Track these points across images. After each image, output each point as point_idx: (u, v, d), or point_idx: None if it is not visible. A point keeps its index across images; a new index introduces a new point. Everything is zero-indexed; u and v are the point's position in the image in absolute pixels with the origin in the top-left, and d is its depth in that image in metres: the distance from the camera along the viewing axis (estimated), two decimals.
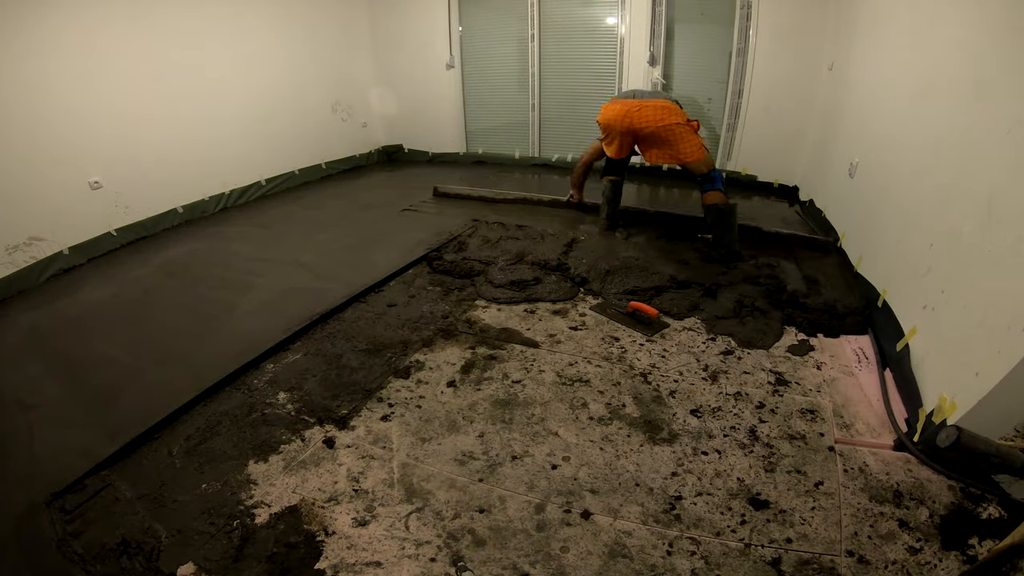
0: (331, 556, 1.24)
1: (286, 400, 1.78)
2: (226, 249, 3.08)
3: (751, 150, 4.20)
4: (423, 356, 2.01)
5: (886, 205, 2.25)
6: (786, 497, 1.37)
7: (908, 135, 2.14)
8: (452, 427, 1.65)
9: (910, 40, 2.28)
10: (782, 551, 1.23)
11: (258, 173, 4.09)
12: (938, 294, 1.65)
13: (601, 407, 1.72)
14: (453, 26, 4.71)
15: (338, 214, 3.73)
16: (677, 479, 1.44)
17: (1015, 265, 1.29)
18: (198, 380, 1.83)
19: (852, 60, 3.12)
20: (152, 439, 1.61)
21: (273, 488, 1.43)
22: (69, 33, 2.72)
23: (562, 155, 4.86)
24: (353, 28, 4.81)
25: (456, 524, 1.32)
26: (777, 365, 1.92)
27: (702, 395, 1.77)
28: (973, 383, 1.34)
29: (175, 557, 1.24)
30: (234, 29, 3.70)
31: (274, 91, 4.09)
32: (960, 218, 1.59)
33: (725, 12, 3.91)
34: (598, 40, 4.39)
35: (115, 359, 2.02)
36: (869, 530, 1.27)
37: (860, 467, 1.46)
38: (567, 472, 1.47)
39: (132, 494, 1.41)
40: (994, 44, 1.58)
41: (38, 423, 1.70)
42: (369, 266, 2.77)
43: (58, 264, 2.79)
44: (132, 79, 3.08)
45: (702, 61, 4.19)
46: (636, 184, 4.47)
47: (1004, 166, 1.42)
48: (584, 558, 1.23)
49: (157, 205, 3.35)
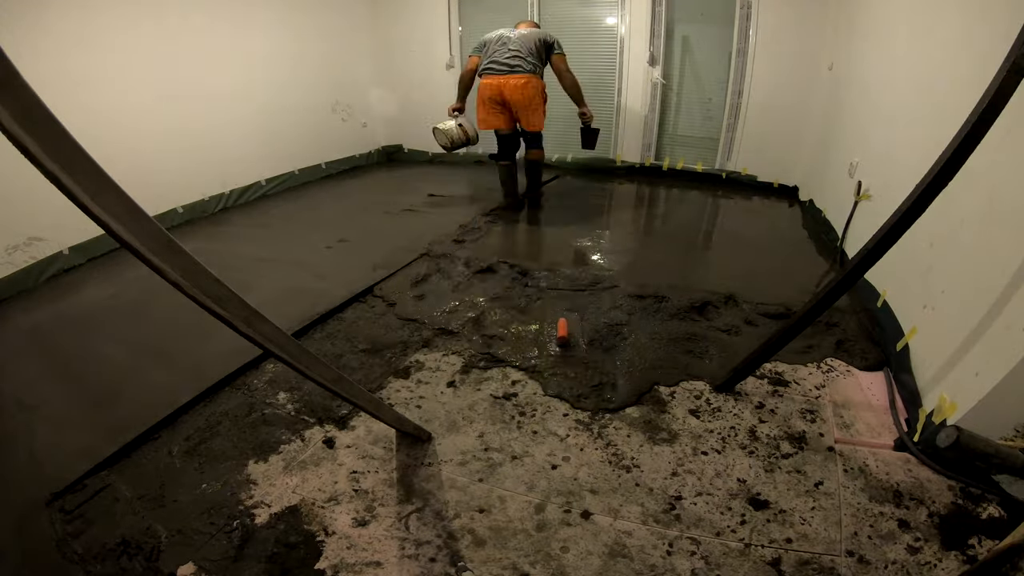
0: (331, 556, 1.24)
1: (286, 400, 1.78)
2: (226, 249, 3.08)
3: (751, 150, 4.20)
4: (423, 356, 2.01)
5: (886, 205, 2.24)
6: (786, 497, 1.37)
7: (908, 135, 2.14)
8: (452, 427, 1.65)
9: (910, 40, 2.28)
10: (782, 551, 1.23)
11: (258, 173, 4.09)
12: (938, 294, 1.65)
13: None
14: (453, 26, 4.71)
15: (338, 214, 3.73)
16: (677, 479, 1.44)
17: (1015, 265, 1.28)
18: (198, 380, 1.83)
19: (852, 60, 3.12)
20: (152, 439, 1.61)
21: (273, 488, 1.43)
22: (69, 32, 2.72)
23: (562, 155, 4.86)
24: (353, 28, 4.81)
25: (456, 524, 1.32)
26: (777, 365, 1.92)
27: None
28: (973, 383, 1.34)
29: (175, 557, 1.24)
30: (234, 29, 3.70)
31: (274, 91, 4.09)
32: (960, 218, 1.59)
33: (725, 12, 3.91)
34: (598, 40, 4.39)
35: (115, 359, 2.02)
36: (869, 530, 1.27)
37: (860, 467, 1.46)
38: (567, 472, 1.47)
39: (132, 494, 1.41)
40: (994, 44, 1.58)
41: (38, 423, 1.70)
42: (369, 266, 2.77)
43: (58, 264, 2.79)
44: (131, 78, 3.07)
45: (702, 61, 4.19)
46: (636, 184, 4.48)
47: (1004, 166, 1.42)
48: (584, 558, 1.23)
49: (157, 205, 3.34)
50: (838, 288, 1.48)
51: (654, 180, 4.56)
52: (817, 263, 2.86)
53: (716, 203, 4.03)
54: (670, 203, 4.09)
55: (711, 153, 4.40)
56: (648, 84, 4.28)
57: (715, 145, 4.35)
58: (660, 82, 4.25)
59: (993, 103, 1.14)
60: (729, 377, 1.77)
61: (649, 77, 4.26)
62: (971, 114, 1.19)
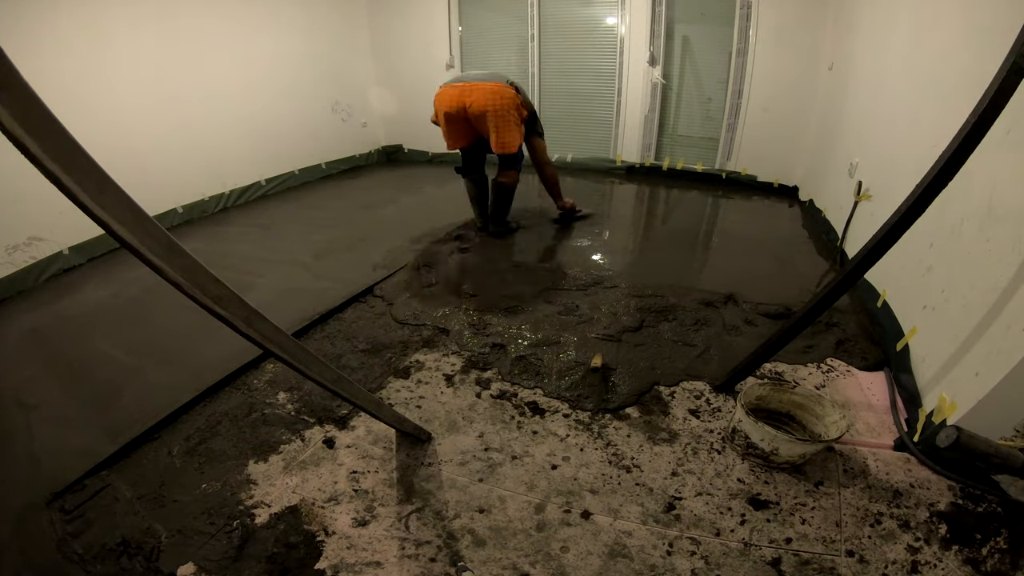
0: (331, 556, 1.24)
1: (286, 400, 1.78)
2: (226, 249, 3.08)
3: (751, 150, 4.20)
4: (423, 356, 2.01)
5: (886, 205, 2.25)
6: (786, 497, 1.37)
7: (908, 135, 2.14)
8: (452, 427, 1.65)
9: (910, 40, 2.28)
10: (782, 551, 1.23)
11: (258, 173, 4.09)
12: (938, 294, 1.65)
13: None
14: (453, 26, 4.71)
15: (338, 214, 3.73)
16: (677, 479, 1.44)
17: (1015, 265, 1.29)
18: (198, 380, 1.83)
19: (852, 60, 3.12)
20: (152, 439, 1.61)
21: (273, 488, 1.43)
22: (69, 32, 2.72)
23: (562, 155, 4.86)
24: (353, 28, 4.81)
25: (456, 524, 1.32)
26: (777, 364, 1.92)
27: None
28: (973, 383, 1.34)
29: (175, 557, 1.23)
30: (234, 29, 3.70)
31: (274, 91, 4.09)
32: (960, 218, 1.59)
33: (725, 12, 3.91)
34: (598, 40, 4.39)
35: (115, 359, 2.02)
36: (869, 530, 1.27)
37: (860, 467, 1.46)
38: (567, 472, 1.47)
39: (132, 494, 1.41)
40: (994, 44, 1.58)
41: (38, 423, 1.69)
42: (369, 266, 2.77)
43: (58, 264, 2.79)
44: (131, 78, 3.08)
45: (702, 61, 4.19)
46: (636, 184, 4.47)
47: (1004, 166, 1.42)
48: (584, 558, 1.23)
49: (157, 205, 3.35)
50: (838, 288, 1.48)
51: (654, 180, 4.56)
52: (817, 263, 2.86)
53: (716, 203, 4.03)
54: (670, 203, 4.09)
55: (711, 153, 4.40)
56: (648, 84, 4.28)
57: (715, 145, 4.35)
58: (660, 82, 4.25)
59: (993, 103, 1.14)
60: (729, 377, 1.77)
61: (649, 77, 4.26)
62: (971, 114, 1.19)
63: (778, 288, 2.51)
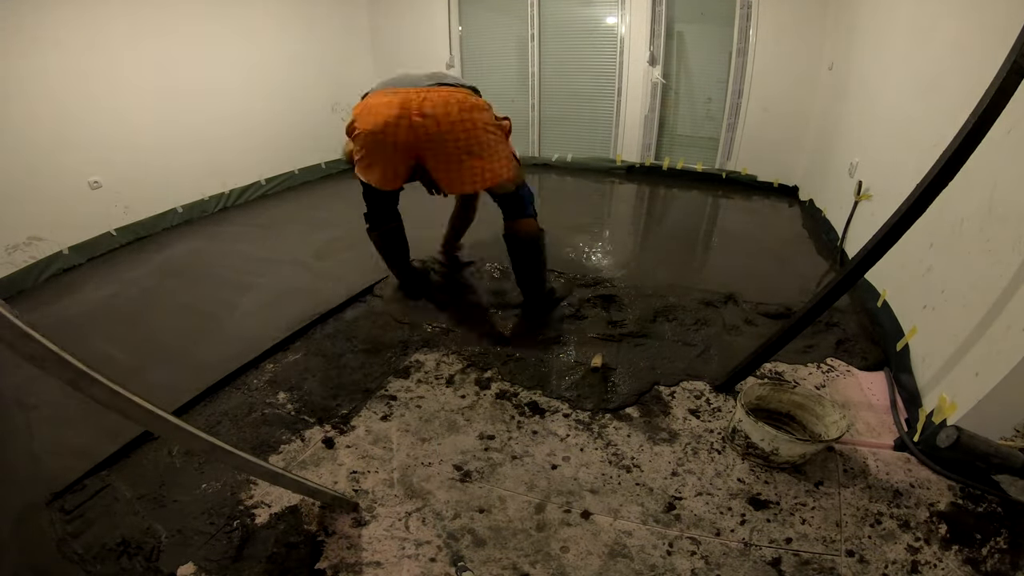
0: (331, 556, 1.24)
1: (286, 400, 1.78)
2: (226, 249, 3.08)
3: (751, 150, 4.20)
4: (423, 356, 2.01)
5: (886, 205, 2.25)
6: (786, 497, 1.37)
7: (908, 135, 2.14)
8: (452, 427, 1.65)
9: (910, 40, 2.27)
10: (782, 551, 1.23)
11: (258, 173, 4.08)
12: (938, 294, 1.65)
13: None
14: (453, 26, 4.71)
15: (338, 214, 3.73)
16: (677, 479, 1.44)
17: (1015, 265, 1.29)
18: (198, 380, 1.83)
19: (852, 60, 3.11)
20: (152, 439, 1.61)
21: (273, 488, 1.43)
22: (69, 32, 2.72)
23: (562, 155, 4.86)
24: (353, 28, 4.81)
25: (456, 524, 1.32)
26: (777, 364, 1.92)
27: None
28: (973, 383, 1.34)
29: (175, 557, 1.24)
30: (234, 29, 3.70)
31: (274, 91, 4.09)
32: (960, 218, 1.59)
33: (725, 12, 3.91)
34: (598, 40, 4.38)
35: (115, 359, 2.02)
36: (869, 530, 1.27)
37: (860, 467, 1.46)
38: (567, 472, 1.47)
39: (132, 494, 1.41)
40: (994, 44, 1.58)
41: (38, 423, 1.70)
42: (369, 266, 2.77)
43: (58, 264, 2.79)
44: (132, 78, 3.07)
45: (702, 61, 4.19)
46: (636, 184, 4.47)
47: (1004, 166, 1.42)
48: (584, 558, 1.23)
49: (157, 205, 3.34)
50: (838, 288, 1.48)
51: (654, 180, 4.56)
52: (817, 263, 2.86)
53: (716, 203, 4.03)
54: (670, 203, 4.09)
55: (711, 153, 4.40)
56: (648, 84, 4.28)
57: (715, 145, 4.35)
58: (660, 82, 4.25)
59: (993, 103, 1.14)
60: (729, 377, 1.77)
61: (649, 77, 4.26)
62: (971, 114, 1.19)
63: (778, 288, 2.51)
